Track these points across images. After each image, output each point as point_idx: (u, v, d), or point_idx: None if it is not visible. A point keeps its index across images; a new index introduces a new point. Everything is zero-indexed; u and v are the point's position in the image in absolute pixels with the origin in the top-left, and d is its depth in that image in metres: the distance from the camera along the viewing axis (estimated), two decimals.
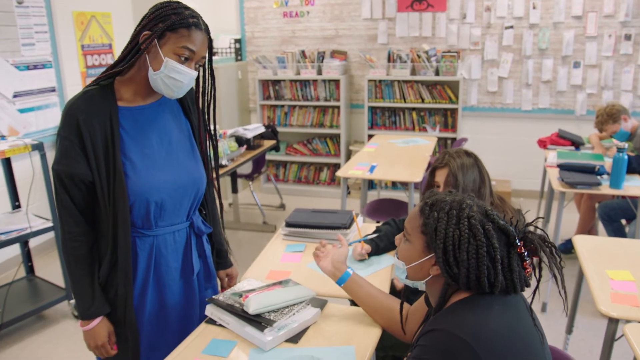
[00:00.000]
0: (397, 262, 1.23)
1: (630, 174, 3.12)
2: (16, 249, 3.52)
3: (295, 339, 1.40)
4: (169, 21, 1.30)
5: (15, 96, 3.55)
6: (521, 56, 4.79)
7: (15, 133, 3.50)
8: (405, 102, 4.99)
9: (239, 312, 1.42)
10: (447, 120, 4.99)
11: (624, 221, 3.49)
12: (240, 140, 3.93)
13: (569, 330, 2.48)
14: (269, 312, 1.42)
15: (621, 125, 3.53)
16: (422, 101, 4.95)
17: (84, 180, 1.35)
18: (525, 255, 1.10)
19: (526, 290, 1.12)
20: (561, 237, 3.72)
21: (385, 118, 5.15)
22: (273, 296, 1.45)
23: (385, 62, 4.94)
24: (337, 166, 5.38)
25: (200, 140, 1.56)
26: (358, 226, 2.06)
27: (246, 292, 1.49)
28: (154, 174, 1.40)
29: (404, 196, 4.83)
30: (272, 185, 5.36)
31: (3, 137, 3.09)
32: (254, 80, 5.47)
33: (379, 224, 2.13)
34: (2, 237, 2.72)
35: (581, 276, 2.32)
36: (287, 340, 1.39)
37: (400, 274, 1.23)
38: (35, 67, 3.69)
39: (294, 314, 1.44)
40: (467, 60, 4.91)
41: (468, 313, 1.07)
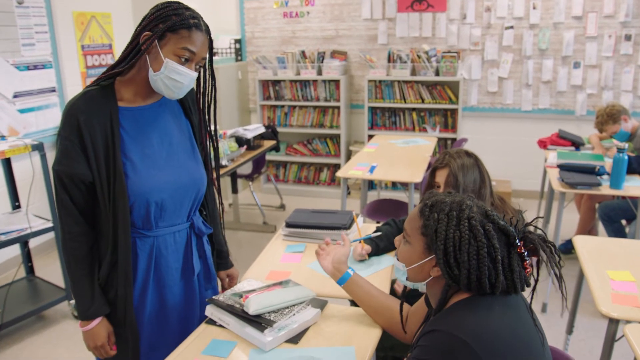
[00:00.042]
0: (397, 263, 1.23)
1: (631, 174, 3.12)
2: (16, 249, 3.52)
3: (295, 339, 1.40)
4: (170, 22, 1.30)
5: (15, 96, 3.55)
6: (521, 56, 4.79)
7: (15, 133, 3.50)
8: (405, 102, 4.99)
9: (239, 313, 1.42)
10: (447, 120, 4.99)
11: (624, 221, 3.48)
12: (240, 141, 3.93)
13: (569, 330, 2.48)
14: (269, 312, 1.42)
15: (621, 126, 3.53)
16: (422, 101, 4.95)
17: (84, 181, 1.35)
18: (525, 255, 1.10)
19: (526, 290, 1.12)
20: (561, 237, 3.72)
21: (386, 118, 5.15)
22: (273, 297, 1.45)
23: (385, 63, 4.94)
24: (337, 166, 5.38)
25: (201, 140, 1.56)
26: (358, 227, 2.06)
27: (246, 292, 1.49)
28: (154, 174, 1.40)
29: (404, 196, 4.83)
30: (272, 186, 5.36)
31: (3, 137, 3.10)
32: (254, 80, 5.47)
33: (379, 225, 2.13)
34: (2, 238, 2.72)
35: (581, 276, 2.32)
36: (287, 341, 1.39)
37: (400, 275, 1.23)
38: (35, 67, 3.69)
39: (294, 315, 1.44)
40: (467, 61, 4.91)
41: (468, 314, 1.07)
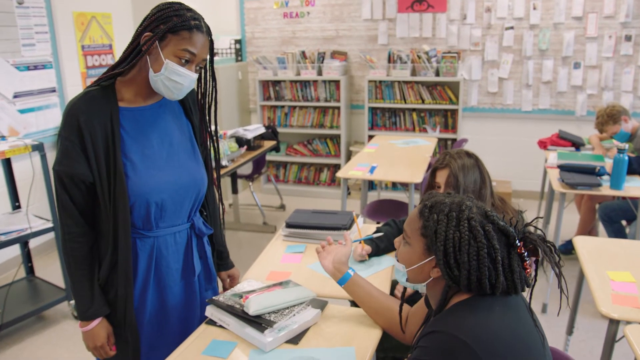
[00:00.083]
0: (397, 265, 1.23)
1: (631, 174, 3.12)
2: (16, 250, 3.52)
3: (295, 340, 1.40)
4: (171, 23, 1.30)
5: (15, 96, 3.55)
6: (521, 57, 4.79)
7: (15, 133, 3.50)
8: (405, 102, 4.99)
9: (239, 313, 1.42)
10: (447, 121, 4.99)
11: (624, 222, 3.48)
12: (240, 141, 3.93)
13: (570, 331, 2.48)
14: (269, 313, 1.42)
15: (621, 126, 3.53)
16: (423, 102, 4.95)
17: (85, 181, 1.35)
18: (525, 256, 1.10)
19: (526, 291, 1.12)
20: (561, 238, 3.72)
21: (386, 119, 5.15)
22: (273, 297, 1.45)
23: (385, 63, 4.94)
24: (337, 167, 5.38)
25: (201, 141, 1.56)
26: (358, 227, 2.05)
27: (246, 293, 1.49)
28: (154, 174, 1.40)
29: (404, 197, 4.83)
30: (272, 186, 5.36)
31: (3, 137, 3.09)
32: (254, 80, 5.47)
33: (379, 225, 2.13)
34: (2, 238, 2.72)
35: (582, 277, 2.32)
36: (288, 342, 1.39)
37: (400, 276, 1.23)
38: (35, 67, 3.69)
39: (294, 315, 1.44)
40: (468, 61, 4.91)
41: (469, 314, 1.06)
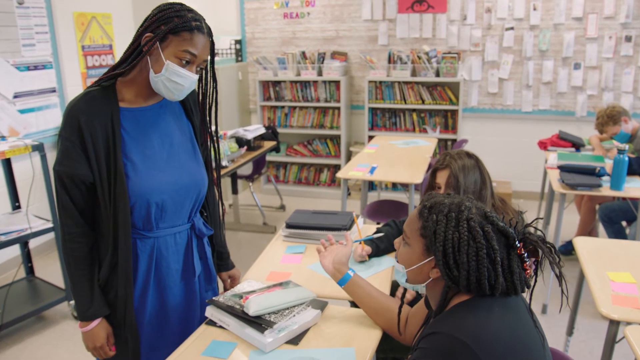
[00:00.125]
0: (396, 265, 1.23)
1: (631, 175, 3.12)
2: (16, 250, 3.52)
3: (295, 340, 1.40)
4: (172, 24, 1.30)
5: (15, 97, 3.55)
6: (521, 57, 4.79)
7: (15, 134, 3.50)
8: (405, 103, 4.99)
9: (239, 314, 1.42)
10: (447, 121, 4.99)
11: (624, 223, 3.48)
12: (240, 141, 3.93)
13: (570, 332, 2.48)
14: (269, 313, 1.42)
15: (622, 127, 3.53)
16: (423, 102, 4.95)
17: (85, 181, 1.35)
18: (525, 257, 1.10)
19: (526, 292, 1.12)
20: (562, 238, 3.72)
21: (386, 119, 5.15)
22: (273, 298, 1.45)
23: (385, 63, 4.94)
24: (337, 167, 5.38)
25: (202, 141, 1.56)
26: (358, 227, 2.05)
27: (246, 293, 1.49)
28: (155, 175, 1.40)
29: (404, 197, 4.83)
30: (272, 186, 5.36)
31: (3, 137, 3.09)
32: (254, 81, 5.47)
33: (379, 226, 2.13)
34: (2, 238, 2.72)
35: (582, 278, 2.32)
36: (288, 342, 1.39)
37: (400, 277, 1.23)
38: (35, 67, 3.69)
39: (294, 316, 1.44)
40: (468, 62, 4.91)
41: (468, 315, 1.06)
